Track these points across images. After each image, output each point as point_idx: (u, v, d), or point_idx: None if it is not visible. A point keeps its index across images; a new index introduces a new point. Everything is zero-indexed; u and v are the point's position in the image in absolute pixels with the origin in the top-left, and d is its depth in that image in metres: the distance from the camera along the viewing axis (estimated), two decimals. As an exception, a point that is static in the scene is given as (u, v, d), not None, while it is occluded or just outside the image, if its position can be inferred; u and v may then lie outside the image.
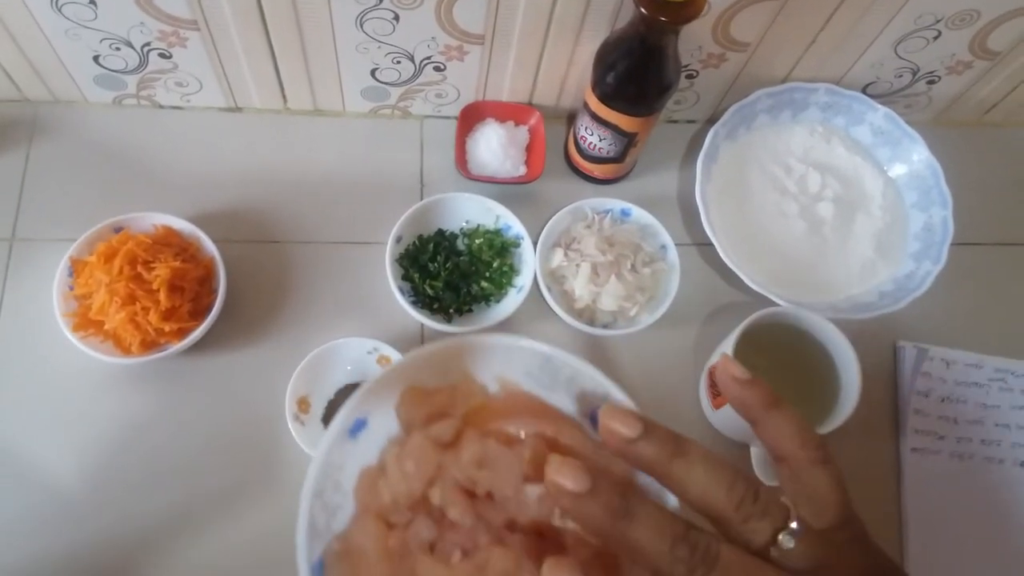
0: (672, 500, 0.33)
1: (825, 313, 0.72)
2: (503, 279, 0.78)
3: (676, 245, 0.79)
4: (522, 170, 0.84)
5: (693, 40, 0.75)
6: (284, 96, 0.82)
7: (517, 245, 0.80)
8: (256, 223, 0.80)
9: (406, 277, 0.78)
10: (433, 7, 0.69)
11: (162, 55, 0.74)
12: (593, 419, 0.37)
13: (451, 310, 0.77)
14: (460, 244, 0.80)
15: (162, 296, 0.68)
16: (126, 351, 0.70)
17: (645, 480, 0.33)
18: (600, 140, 0.78)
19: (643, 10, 0.63)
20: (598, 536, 0.30)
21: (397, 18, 0.70)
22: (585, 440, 0.36)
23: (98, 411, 0.71)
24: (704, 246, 0.82)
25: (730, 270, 0.78)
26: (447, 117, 0.87)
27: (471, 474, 0.32)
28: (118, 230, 0.73)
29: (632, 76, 0.70)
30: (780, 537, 0.30)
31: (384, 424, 0.34)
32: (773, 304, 0.75)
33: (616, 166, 0.82)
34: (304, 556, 0.32)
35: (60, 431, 0.70)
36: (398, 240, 0.77)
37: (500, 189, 0.82)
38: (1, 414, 0.70)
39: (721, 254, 0.77)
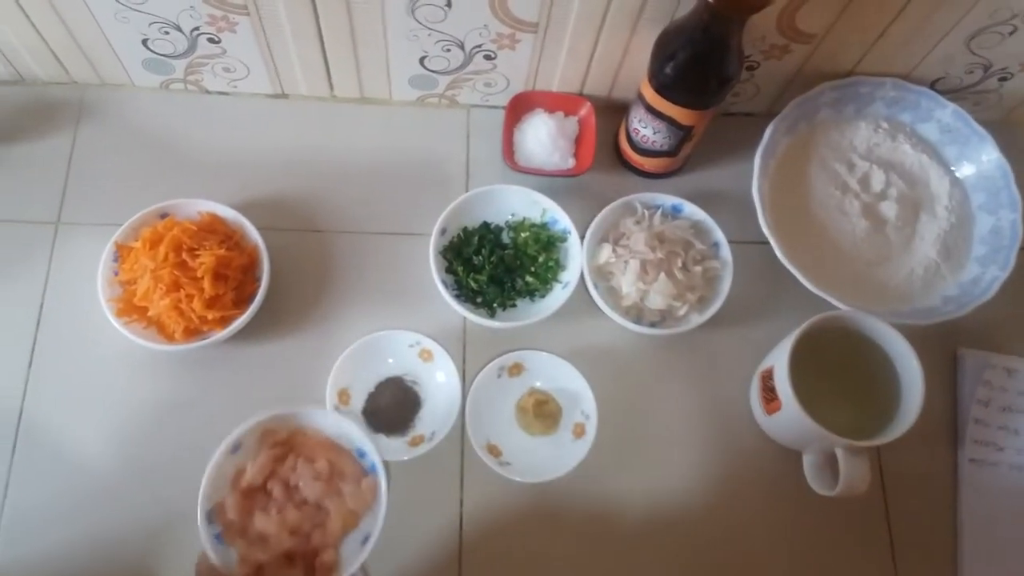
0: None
1: (885, 318, 0.69)
2: (548, 274, 0.76)
3: (729, 243, 0.77)
4: (570, 162, 0.81)
5: (756, 30, 0.72)
6: (331, 83, 0.81)
7: (564, 240, 0.78)
8: (300, 211, 0.79)
9: (450, 270, 0.76)
10: (486, -7, 0.67)
11: (211, 40, 0.73)
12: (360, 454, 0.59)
13: (495, 304, 0.75)
14: (505, 237, 0.78)
15: (206, 284, 0.68)
16: (169, 338, 0.69)
17: None
18: (654, 133, 0.75)
19: (707, -1, 0.60)
20: None
21: (449, 5, 0.68)
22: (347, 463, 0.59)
23: (138, 396, 0.71)
24: (759, 244, 0.79)
25: (786, 270, 0.75)
26: (494, 107, 0.85)
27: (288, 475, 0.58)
28: (163, 216, 0.72)
29: (692, 67, 0.67)
30: None
31: (249, 445, 0.59)
32: (831, 306, 0.72)
33: (669, 160, 0.79)
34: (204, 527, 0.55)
35: (100, 414, 0.70)
36: (443, 232, 0.75)
37: (547, 181, 0.80)
38: (43, 396, 0.70)
39: (778, 253, 0.74)
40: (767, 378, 0.68)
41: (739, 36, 0.65)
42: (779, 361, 0.66)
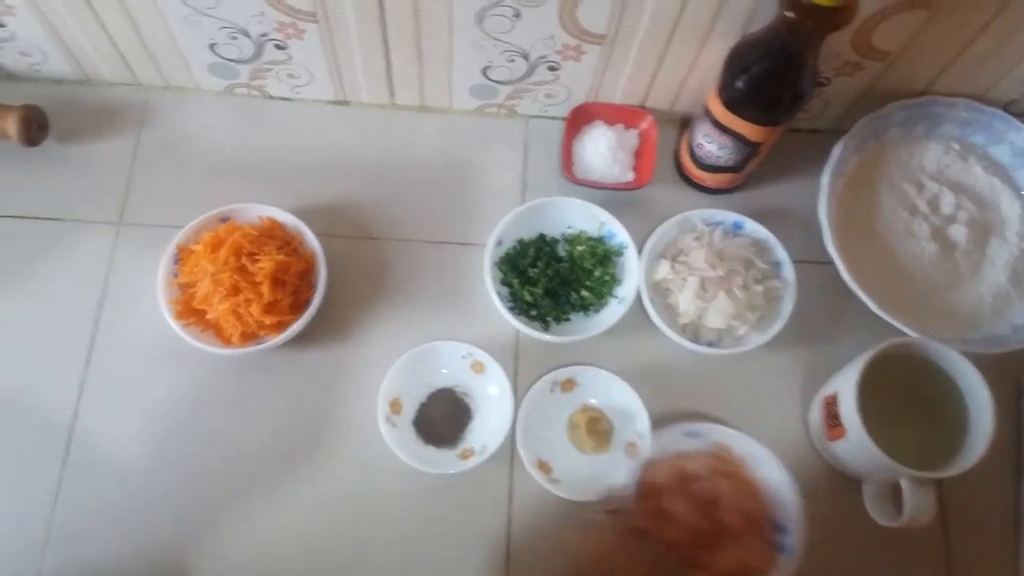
0: None
1: (953, 345, 0.66)
2: (604, 288, 0.75)
3: (791, 262, 0.75)
4: (630, 176, 0.80)
5: (830, 47, 0.70)
6: (392, 91, 0.80)
7: (620, 254, 0.76)
8: (356, 218, 0.78)
9: (504, 282, 0.75)
10: (557, 5, 0.66)
11: (278, 46, 0.73)
12: None
13: (549, 318, 0.74)
14: (561, 250, 0.77)
15: (265, 289, 0.68)
16: (226, 342, 0.69)
17: None
18: (719, 149, 0.73)
19: (790, 13, 0.59)
20: None
21: (518, 15, 0.68)
22: None
23: (193, 398, 0.71)
24: (821, 264, 0.77)
25: (849, 292, 0.73)
26: (553, 117, 0.84)
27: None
28: (224, 220, 0.72)
29: (766, 83, 0.66)
30: None
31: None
32: (895, 331, 0.70)
33: (731, 176, 0.78)
34: None
35: (155, 415, 0.70)
36: (498, 243, 0.75)
37: (605, 194, 0.79)
38: (99, 396, 0.71)
39: (844, 275, 0.72)
40: (831, 404, 0.66)
41: (816, 53, 0.64)
42: (845, 387, 0.64)
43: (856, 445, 0.63)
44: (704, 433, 0.67)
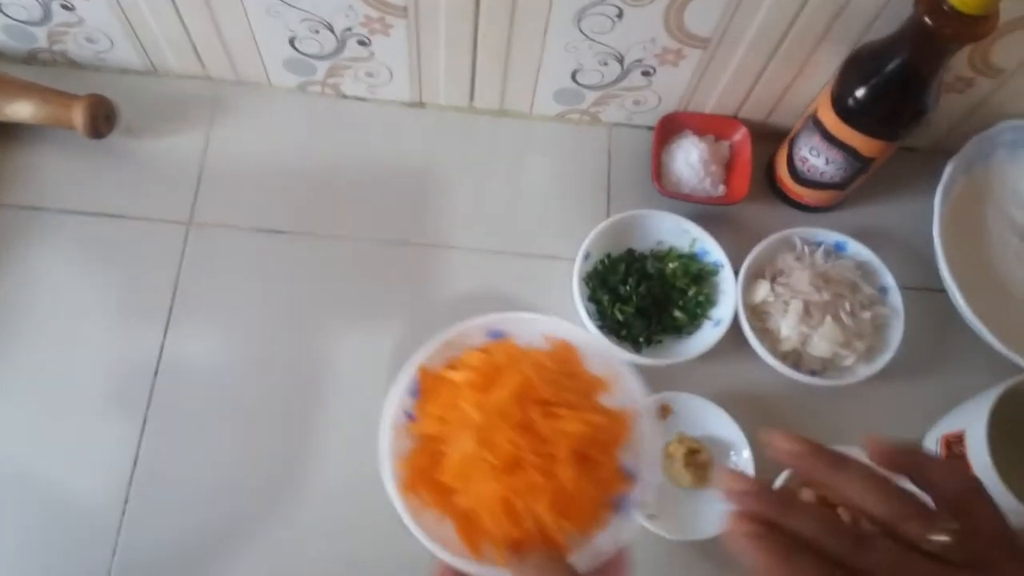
0: None
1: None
2: (699, 310, 0.70)
3: (899, 288, 0.70)
4: (721, 190, 0.76)
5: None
6: (472, 93, 0.76)
7: (715, 273, 0.72)
8: (430, 226, 0.74)
9: (592, 298, 0.71)
10: (664, 5, 0.62)
11: (361, 42, 0.69)
12: None
13: (640, 339, 0.70)
14: (650, 267, 0.73)
15: (567, 470, 0.41)
16: (473, 547, 0.41)
17: None
18: (826, 164, 0.69)
19: (928, 20, 0.54)
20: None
21: (621, 15, 0.63)
22: None
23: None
24: (928, 292, 0.72)
25: (959, 321, 0.68)
26: (637, 126, 0.80)
27: None
28: (496, 335, 0.48)
29: (889, 94, 0.61)
30: (931, 534, 0.32)
31: None
32: (1012, 363, 0.65)
33: (833, 194, 0.73)
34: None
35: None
36: (586, 257, 0.70)
37: (695, 209, 0.74)
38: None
39: (960, 303, 0.67)
40: (955, 444, 0.61)
41: (947, 64, 0.59)
42: (973, 428, 0.59)
43: (986, 489, 0.58)
44: None
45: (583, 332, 0.48)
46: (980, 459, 0.58)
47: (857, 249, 0.72)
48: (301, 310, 0.70)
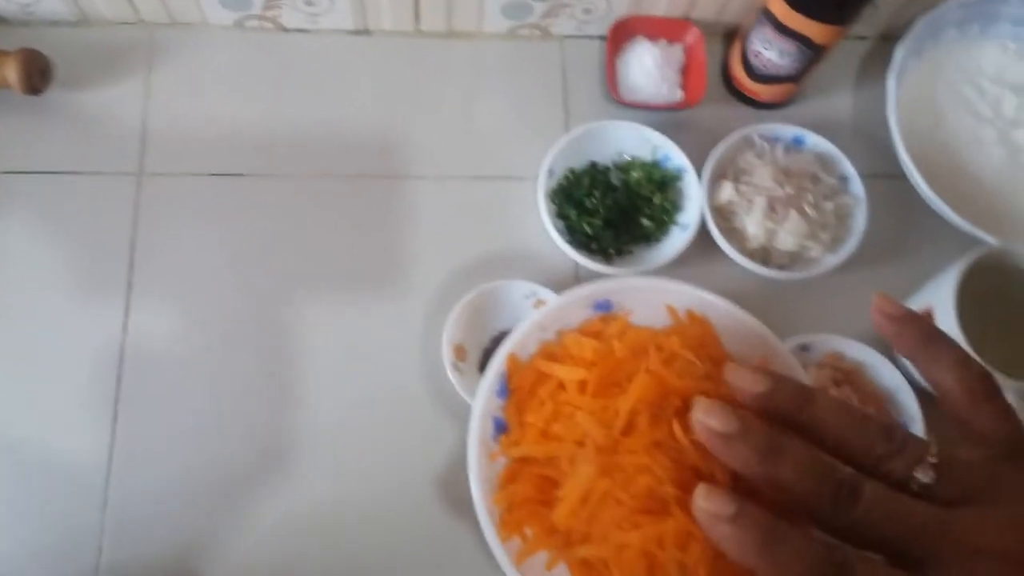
0: None
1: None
2: (665, 216, 0.71)
3: (860, 176, 0.71)
4: (678, 94, 0.75)
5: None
6: (417, 15, 0.74)
7: (679, 178, 0.72)
8: (389, 157, 0.73)
9: (559, 215, 0.70)
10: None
11: (297, -34, 0.66)
12: None
13: (610, 250, 0.70)
14: (614, 178, 0.72)
15: None
16: None
17: None
18: (780, 56, 0.69)
19: None
20: (746, 474, 0.30)
21: (564, -83, 0.62)
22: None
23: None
24: (888, 178, 0.73)
25: (921, 205, 0.70)
26: (589, 36, 0.78)
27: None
28: (603, 307, 0.37)
29: (837, -23, 0.61)
30: (916, 472, 0.29)
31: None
32: (973, 241, 0.67)
33: (788, 87, 0.73)
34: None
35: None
36: (550, 174, 0.70)
37: (654, 117, 0.74)
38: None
39: (922, 185, 0.68)
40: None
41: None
42: (940, 303, 0.60)
43: (955, 360, 0.60)
44: (816, 345, 0.64)
45: (715, 298, 0.38)
46: (950, 332, 0.59)
47: (816, 141, 0.72)
48: (265, 252, 0.69)
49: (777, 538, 0.28)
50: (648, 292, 0.38)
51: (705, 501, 0.28)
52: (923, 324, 0.32)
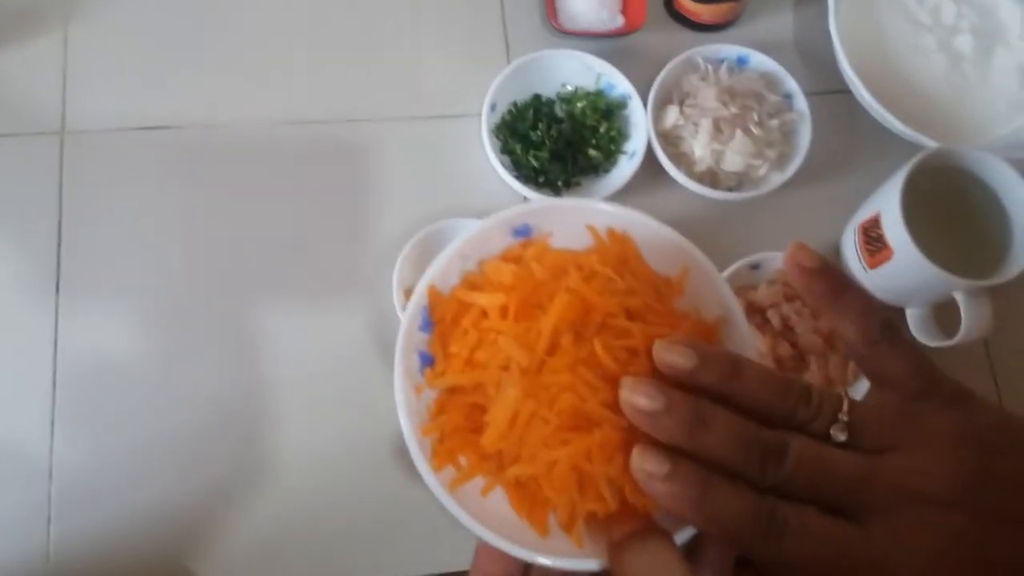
0: None
1: (979, 155, 0.64)
2: (612, 145, 0.70)
3: (804, 93, 0.70)
4: (619, 20, 0.74)
5: None
6: (344, -50, 0.71)
7: (624, 106, 0.71)
8: (323, 99, 0.71)
9: (505, 150, 0.69)
10: None
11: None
12: None
13: (559, 183, 0.69)
14: (558, 110, 0.71)
15: None
16: (538, 526, 0.32)
17: None
18: (719, -27, 0.67)
19: None
20: (674, 446, 0.30)
21: None
22: None
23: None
24: (832, 94, 0.73)
25: (865, 118, 0.70)
26: (526, -35, 0.76)
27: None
28: (522, 233, 0.37)
29: None
30: (831, 430, 0.30)
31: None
32: (919, 150, 0.67)
33: (730, 7, 0.72)
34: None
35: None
36: (493, 108, 0.68)
37: (595, 44, 0.73)
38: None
39: (866, 95, 0.68)
40: (871, 227, 0.63)
41: None
42: (887, 207, 0.61)
43: (904, 265, 0.60)
44: (766, 263, 0.65)
45: (637, 215, 0.37)
46: (898, 236, 0.60)
47: (759, 60, 0.72)
48: (205, 205, 0.67)
49: (711, 493, 0.28)
50: (568, 213, 0.37)
51: (640, 460, 0.29)
52: (833, 276, 0.33)
